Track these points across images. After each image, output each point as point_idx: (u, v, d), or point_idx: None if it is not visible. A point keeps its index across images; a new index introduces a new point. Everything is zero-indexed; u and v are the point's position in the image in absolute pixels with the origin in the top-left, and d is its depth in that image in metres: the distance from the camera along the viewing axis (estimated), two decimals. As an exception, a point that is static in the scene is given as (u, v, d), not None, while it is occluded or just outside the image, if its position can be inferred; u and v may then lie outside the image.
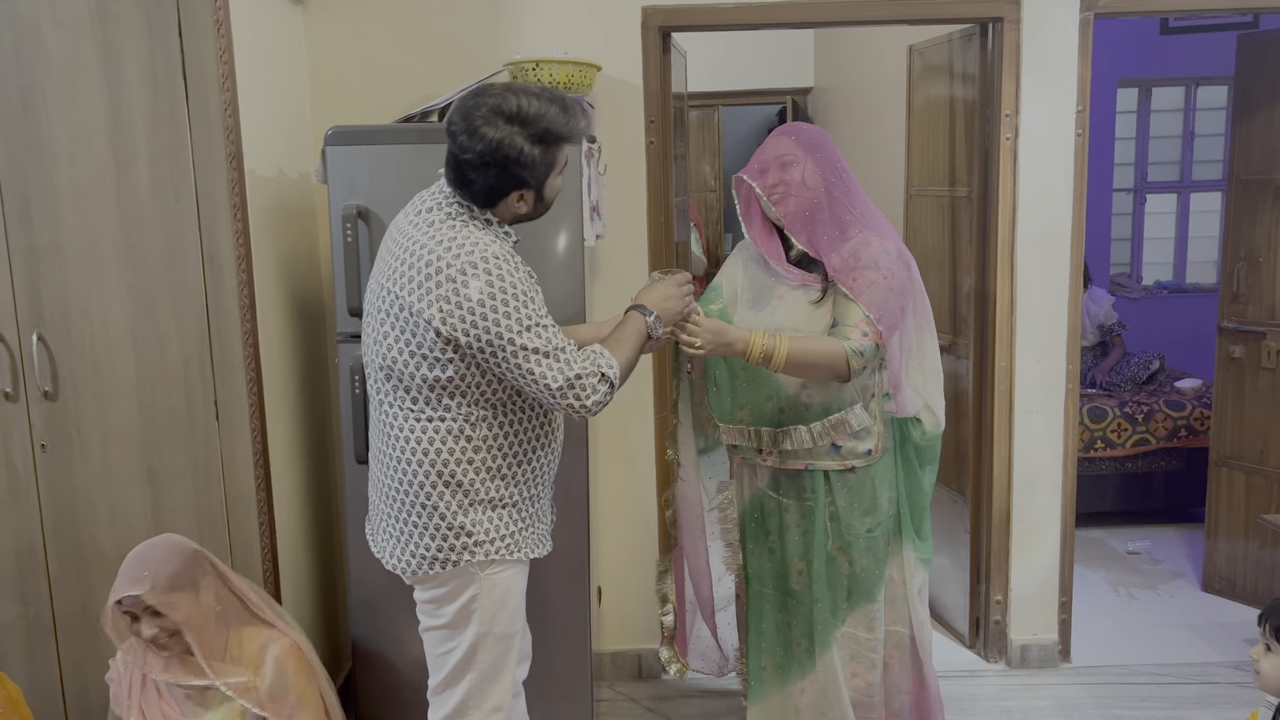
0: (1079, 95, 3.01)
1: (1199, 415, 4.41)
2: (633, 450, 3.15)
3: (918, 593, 2.43)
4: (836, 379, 2.20)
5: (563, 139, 1.88)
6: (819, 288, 2.27)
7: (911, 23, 3.10)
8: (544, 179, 1.91)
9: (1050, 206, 3.05)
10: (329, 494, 3.07)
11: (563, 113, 1.87)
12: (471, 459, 1.93)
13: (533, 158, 1.84)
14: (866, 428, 2.29)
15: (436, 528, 1.95)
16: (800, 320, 2.26)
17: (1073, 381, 3.13)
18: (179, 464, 2.40)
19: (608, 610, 3.22)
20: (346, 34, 2.95)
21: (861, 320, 2.18)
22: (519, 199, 1.91)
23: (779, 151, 2.23)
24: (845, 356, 2.15)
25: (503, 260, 1.83)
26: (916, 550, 2.41)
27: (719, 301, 2.42)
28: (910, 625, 2.45)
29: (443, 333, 1.83)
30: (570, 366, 1.84)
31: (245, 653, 2.09)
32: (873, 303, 2.18)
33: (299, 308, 2.85)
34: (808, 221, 2.23)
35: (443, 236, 1.85)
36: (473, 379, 1.89)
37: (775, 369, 2.16)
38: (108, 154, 2.28)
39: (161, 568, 2.02)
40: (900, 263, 2.24)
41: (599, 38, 2.93)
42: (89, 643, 2.44)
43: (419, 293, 1.84)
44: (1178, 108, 5.78)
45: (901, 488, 2.39)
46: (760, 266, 2.36)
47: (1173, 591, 3.83)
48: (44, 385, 2.35)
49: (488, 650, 2.03)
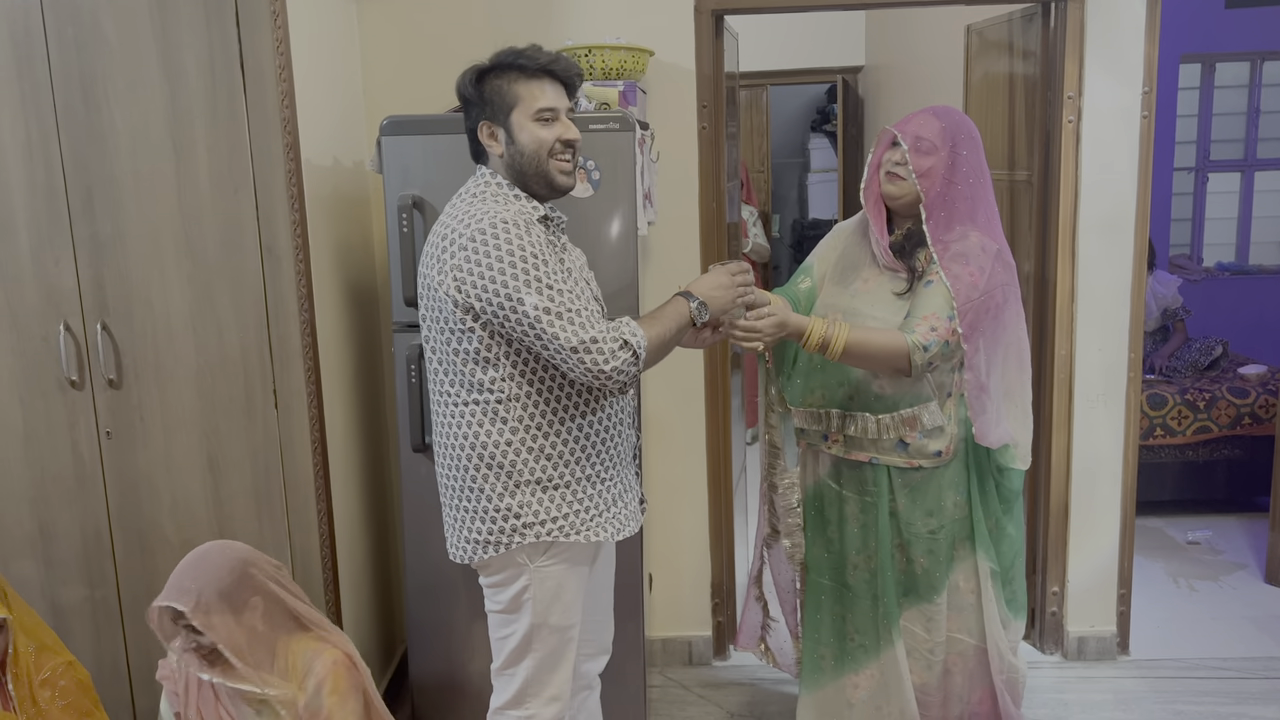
0: (1145, 76, 2.92)
1: (1264, 402, 4.30)
2: (683, 438, 3.13)
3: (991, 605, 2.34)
4: (899, 373, 2.14)
5: (499, 65, 1.94)
6: (905, 278, 2.21)
7: (970, 2, 3.03)
8: (504, 109, 1.93)
9: (1114, 191, 2.97)
10: (385, 481, 3.10)
11: (510, 50, 1.94)
12: (510, 440, 1.93)
13: (471, 85, 1.95)
14: (939, 427, 2.22)
15: (485, 511, 1.96)
16: (879, 306, 2.21)
17: (1135, 370, 3.06)
18: (238, 451, 2.43)
19: (658, 596, 3.23)
20: (400, 23, 2.95)
21: (933, 314, 2.11)
22: (489, 135, 1.96)
23: (920, 133, 2.16)
24: (907, 351, 2.09)
25: (512, 225, 1.84)
26: (990, 561, 2.33)
27: (809, 280, 2.38)
28: (979, 636, 2.36)
29: (460, 301, 1.85)
30: (586, 329, 1.82)
31: (292, 665, 2.08)
32: (955, 295, 2.12)
33: (354, 297, 2.87)
34: (935, 204, 2.17)
35: (460, 212, 1.91)
36: (499, 349, 1.89)
37: (833, 357, 2.12)
38: (167, 145, 2.30)
39: (208, 585, 2.00)
40: (999, 262, 2.16)
41: (651, 22, 2.90)
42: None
43: (437, 265, 1.88)
44: (1242, 84, 5.60)
45: (976, 493, 2.31)
46: (856, 244, 2.31)
47: (1234, 583, 3.75)
48: (109, 374, 2.39)
49: (543, 641, 2.03)
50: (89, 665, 2.45)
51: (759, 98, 6.38)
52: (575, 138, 1.97)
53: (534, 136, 1.92)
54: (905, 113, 2.28)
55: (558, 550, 2.00)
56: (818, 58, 5.97)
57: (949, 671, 2.39)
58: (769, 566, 2.59)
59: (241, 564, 2.07)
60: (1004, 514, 2.34)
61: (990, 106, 3.44)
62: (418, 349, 2.58)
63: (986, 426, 2.22)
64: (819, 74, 6.16)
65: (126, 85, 2.28)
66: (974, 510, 2.31)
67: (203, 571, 2.03)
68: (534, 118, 1.92)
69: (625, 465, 2.10)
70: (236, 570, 2.05)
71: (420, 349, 2.58)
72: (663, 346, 1.93)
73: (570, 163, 1.97)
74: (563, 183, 1.97)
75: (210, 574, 2.03)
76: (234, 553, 2.09)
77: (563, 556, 2.01)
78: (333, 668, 2.09)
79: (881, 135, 2.25)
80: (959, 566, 2.34)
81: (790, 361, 2.38)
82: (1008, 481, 2.32)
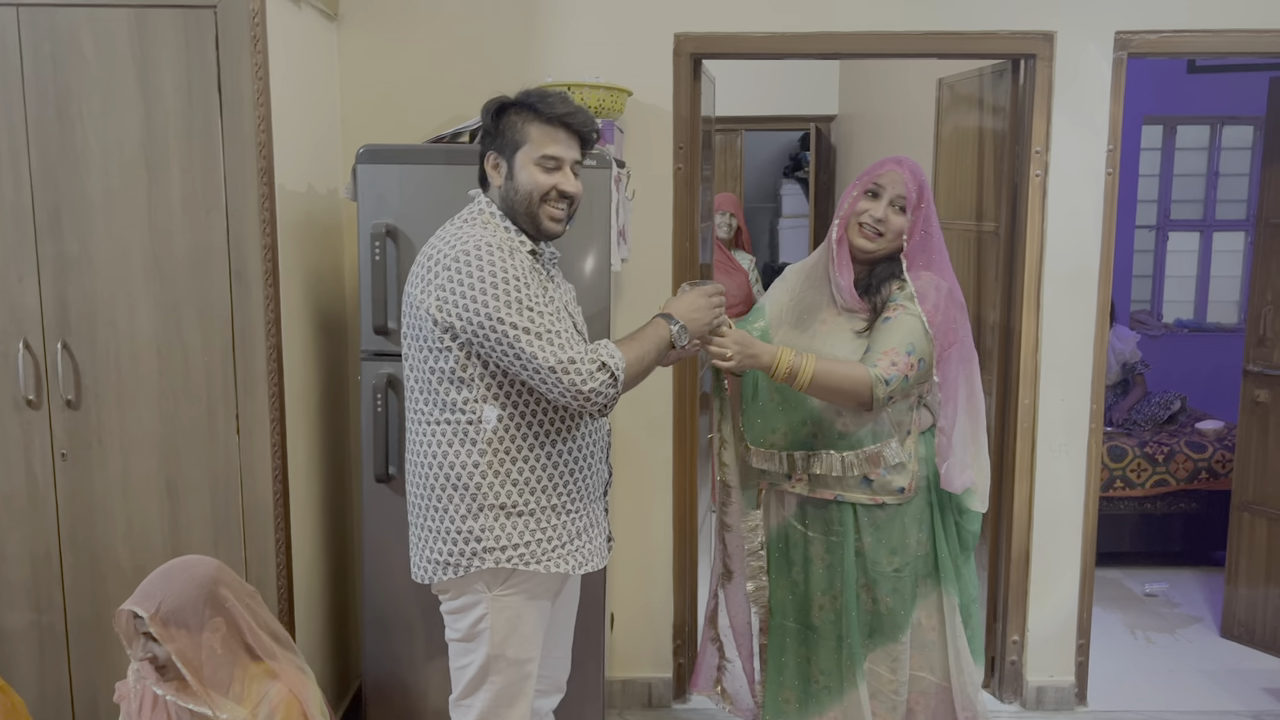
0: (1110, 134, 2.99)
1: (1220, 458, 4.37)
2: (649, 476, 3.13)
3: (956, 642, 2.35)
4: (861, 406, 2.17)
5: (521, 103, 1.96)
6: (865, 318, 2.25)
7: (943, 57, 3.09)
8: (513, 146, 1.95)
9: (1079, 244, 3.03)
10: (346, 511, 3.06)
11: (538, 93, 1.97)
12: (477, 462, 1.93)
13: (493, 114, 1.99)
14: (901, 464, 2.26)
15: (446, 532, 1.96)
16: (840, 346, 2.24)
17: (1096, 421, 3.10)
18: (198, 476, 2.39)
19: (619, 636, 3.19)
20: (380, 53, 2.96)
21: (892, 349, 2.15)
22: (493, 165, 1.99)
23: (898, 192, 2.22)
24: (870, 383, 2.12)
25: (496, 248, 1.87)
26: (956, 595, 2.35)
27: (761, 321, 2.41)
28: (942, 674, 2.37)
29: (440, 320, 1.87)
30: (565, 349, 1.84)
31: (247, 693, 2.05)
32: (910, 334, 2.17)
33: (323, 323, 2.85)
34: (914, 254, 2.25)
35: (449, 234, 1.94)
36: (474, 369, 1.90)
37: (800, 388, 2.15)
38: (140, 165, 2.28)
39: (172, 597, 1.99)
40: (951, 301, 2.23)
41: (631, 63, 2.94)
42: (101, 654, 2.43)
43: (421, 285, 1.91)
44: (1202, 146, 5.76)
45: (939, 529, 2.34)
46: (811, 287, 2.34)
47: (1191, 636, 3.78)
48: (67, 394, 2.35)
49: (500, 673, 2.01)
50: (31, 692, 2.39)
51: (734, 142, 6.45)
52: (573, 191, 1.99)
53: (532, 179, 1.95)
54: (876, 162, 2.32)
55: (518, 580, 1.99)
56: (792, 105, 6.07)
57: (912, 711, 2.40)
58: (724, 607, 2.58)
59: (212, 585, 2.05)
60: (962, 560, 2.36)
61: (960, 158, 3.51)
62: (385, 378, 2.57)
63: (951, 472, 2.26)
64: (793, 121, 6.25)
65: (102, 103, 2.26)
66: (938, 546, 2.33)
67: (170, 585, 2.01)
68: (537, 161, 1.95)
69: (594, 499, 2.09)
70: (205, 589, 2.03)
71: (387, 378, 2.57)
72: (642, 368, 1.94)
73: (562, 212, 2.00)
74: (550, 229, 2.00)
75: (178, 588, 2.01)
76: (208, 573, 2.06)
77: (522, 587, 1.99)
78: (288, 699, 2.06)
79: (850, 189, 2.29)
80: (922, 603, 2.36)
81: (750, 398, 2.39)
82: (967, 523, 2.35)
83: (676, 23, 2.93)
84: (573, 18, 2.94)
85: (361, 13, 2.94)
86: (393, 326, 2.56)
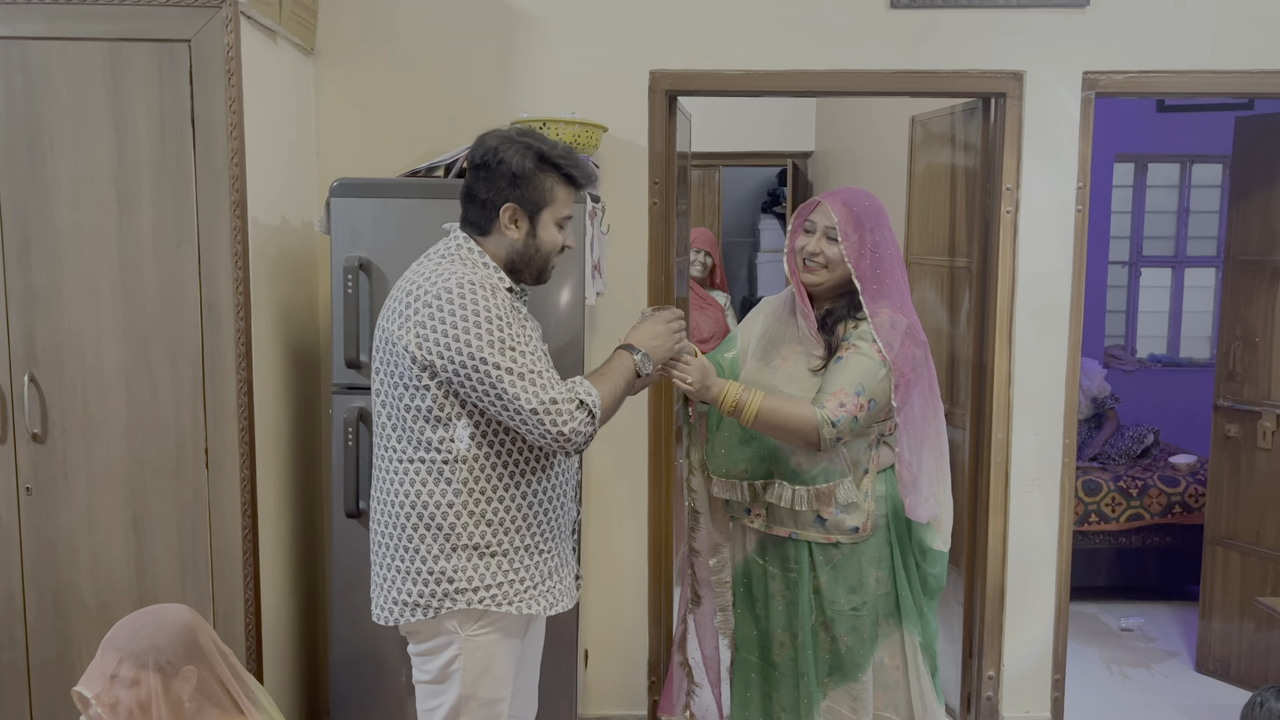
0: (1079, 172, 3.03)
1: (1193, 492, 4.39)
2: (624, 511, 3.11)
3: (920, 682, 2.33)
4: (808, 445, 2.17)
5: (557, 167, 1.94)
6: (820, 356, 2.26)
7: (915, 95, 3.13)
8: (537, 205, 1.94)
9: (1050, 280, 3.06)
10: (316, 547, 3.02)
11: (567, 154, 1.96)
12: (452, 502, 1.91)
13: (524, 169, 1.91)
14: (854, 503, 2.25)
15: (417, 572, 1.93)
16: (794, 383, 2.25)
17: (1069, 455, 3.12)
18: (165, 511, 2.36)
19: (593, 673, 3.16)
20: (356, 87, 2.97)
21: (841, 390, 2.15)
22: (511, 218, 1.94)
23: (829, 223, 2.22)
24: (816, 424, 2.12)
25: (479, 286, 1.86)
26: (918, 635, 2.33)
27: (733, 350, 2.42)
28: (906, 715, 2.35)
29: (418, 358, 1.86)
30: (546, 390, 1.84)
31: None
32: (861, 374, 2.16)
33: (295, 357, 2.83)
34: (833, 290, 2.26)
35: (428, 270, 1.92)
36: (452, 409, 1.89)
37: (746, 423, 2.17)
38: (111, 197, 2.28)
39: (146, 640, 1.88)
40: (910, 338, 2.22)
41: (606, 99, 2.96)
42: (63, 693, 2.38)
43: (399, 321, 1.89)
44: (1173, 184, 5.85)
45: (900, 569, 2.32)
46: (778, 321, 2.35)
47: (1166, 671, 3.78)
48: (33, 427, 2.32)
49: (471, 713, 1.98)
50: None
51: (711, 178, 6.50)
52: (573, 246, 2.07)
53: (553, 239, 1.99)
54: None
55: (490, 620, 1.96)
56: (770, 141, 6.13)
57: (875, 751, 2.37)
58: (693, 633, 2.57)
59: (191, 632, 1.93)
60: (927, 605, 2.36)
61: (932, 194, 3.55)
62: (356, 412, 2.55)
63: (916, 503, 2.27)
64: (770, 157, 6.31)
65: (73, 135, 2.26)
66: (898, 585, 2.32)
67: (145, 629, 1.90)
68: (558, 222, 1.99)
69: (564, 539, 2.08)
70: (182, 635, 1.91)
71: (359, 412, 2.55)
72: (615, 403, 1.95)
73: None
74: (548, 278, 2.07)
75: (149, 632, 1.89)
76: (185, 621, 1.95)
77: (495, 626, 1.97)
78: None
79: (793, 222, 2.31)
80: (884, 643, 2.34)
81: (715, 428, 2.39)
82: (930, 565, 2.34)
83: (652, 60, 2.96)
84: (549, 53, 2.97)
85: (338, 48, 2.96)
86: (365, 360, 2.55)
